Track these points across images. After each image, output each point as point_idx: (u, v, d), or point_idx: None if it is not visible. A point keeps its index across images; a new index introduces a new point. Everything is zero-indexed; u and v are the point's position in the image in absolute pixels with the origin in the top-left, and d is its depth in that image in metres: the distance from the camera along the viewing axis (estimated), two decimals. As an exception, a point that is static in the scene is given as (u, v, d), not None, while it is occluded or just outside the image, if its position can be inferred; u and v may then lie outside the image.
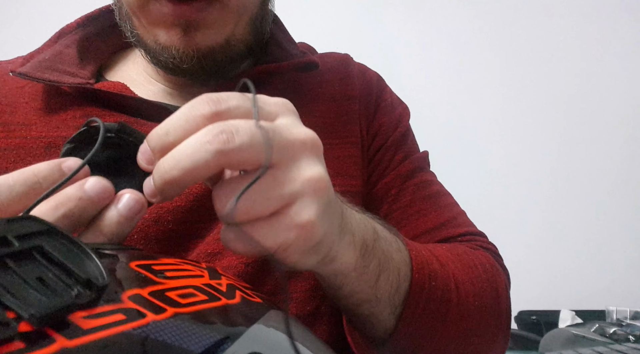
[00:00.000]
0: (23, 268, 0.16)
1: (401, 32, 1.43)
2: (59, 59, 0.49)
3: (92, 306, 0.17)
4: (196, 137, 0.24)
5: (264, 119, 0.27)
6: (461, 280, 0.43)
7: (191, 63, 0.45)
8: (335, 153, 0.51)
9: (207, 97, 0.26)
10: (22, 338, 0.14)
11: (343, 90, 0.56)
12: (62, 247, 0.18)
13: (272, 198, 0.26)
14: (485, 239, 0.54)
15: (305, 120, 0.51)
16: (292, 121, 0.29)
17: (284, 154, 0.27)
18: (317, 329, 0.45)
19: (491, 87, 1.43)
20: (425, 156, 0.58)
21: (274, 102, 0.29)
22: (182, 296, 0.20)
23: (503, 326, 0.47)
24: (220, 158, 0.24)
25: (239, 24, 0.46)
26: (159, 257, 0.24)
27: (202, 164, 0.24)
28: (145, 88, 0.51)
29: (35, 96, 0.48)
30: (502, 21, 1.44)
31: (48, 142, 0.45)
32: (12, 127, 0.46)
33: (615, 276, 1.34)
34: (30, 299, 0.15)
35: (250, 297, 0.24)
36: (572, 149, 1.41)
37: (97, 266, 0.18)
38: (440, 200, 0.54)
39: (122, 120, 0.46)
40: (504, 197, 1.37)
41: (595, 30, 1.43)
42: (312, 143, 0.28)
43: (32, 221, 0.19)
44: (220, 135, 0.24)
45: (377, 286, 0.37)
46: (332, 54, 0.61)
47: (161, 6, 0.42)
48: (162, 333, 0.17)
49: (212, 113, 0.25)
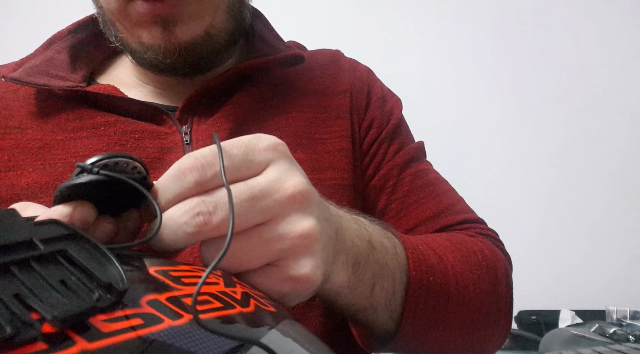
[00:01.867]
0: (47, 270, 0.17)
1: (401, 31, 1.43)
2: (50, 64, 0.50)
3: (112, 310, 0.17)
4: (176, 215, 0.25)
5: (252, 173, 0.27)
6: (460, 269, 0.43)
7: (174, 57, 0.46)
8: (327, 148, 0.51)
9: (191, 162, 0.26)
10: (45, 339, 0.14)
11: (333, 85, 0.56)
12: (85, 251, 0.19)
13: (260, 255, 0.27)
14: (484, 226, 0.54)
15: (295, 115, 0.53)
16: (282, 170, 0.28)
17: (271, 212, 0.27)
18: (311, 322, 0.45)
19: (492, 86, 1.43)
20: (421, 146, 0.58)
21: (263, 149, 0.28)
22: (198, 302, 0.20)
23: (503, 310, 0.47)
24: (199, 236, 0.26)
25: (217, 14, 0.47)
26: (176, 264, 0.24)
27: (183, 239, 0.26)
28: (135, 90, 0.52)
29: (28, 100, 0.49)
30: (502, 21, 1.44)
31: (43, 143, 0.46)
32: (8, 130, 0.47)
33: (615, 276, 1.32)
34: (53, 301, 0.16)
35: (264, 306, 0.24)
36: (573, 149, 1.40)
37: (118, 271, 0.19)
38: (438, 187, 0.55)
39: (113, 119, 0.47)
40: (504, 197, 1.36)
41: (595, 30, 1.42)
42: (301, 196, 0.28)
43: (57, 225, 0.20)
44: (197, 218, 0.25)
45: (372, 295, 0.37)
46: (322, 51, 0.62)
47: (138, 7, 0.44)
48: (178, 338, 0.17)
49: (196, 184, 0.26)
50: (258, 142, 0.28)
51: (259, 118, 0.50)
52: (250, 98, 0.51)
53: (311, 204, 0.28)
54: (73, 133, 0.46)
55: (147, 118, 0.48)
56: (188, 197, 0.26)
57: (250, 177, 0.28)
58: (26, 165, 0.45)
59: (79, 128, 0.47)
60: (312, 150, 0.50)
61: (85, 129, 0.46)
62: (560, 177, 1.39)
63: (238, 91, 0.51)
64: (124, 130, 0.46)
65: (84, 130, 0.46)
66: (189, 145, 0.47)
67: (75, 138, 0.46)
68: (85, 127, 0.46)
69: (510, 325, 0.49)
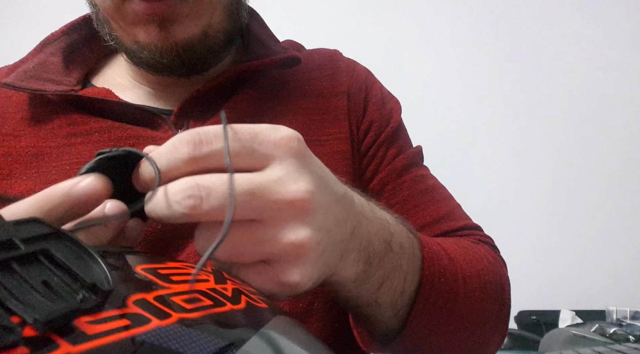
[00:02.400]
0: (28, 271, 0.16)
1: (401, 31, 1.43)
2: (43, 67, 0.50)
3: (97, 311, 0.16)
4: (170, 191, 0.25)
5: (253, 163, 0.26)
6: (468, 273, 0.43)
7: (171, 57, 0.46)
8: (325, 150, 0.51)
9: (190, 136, 0.26)
10: (26, 343, 0.14)
11: (331, 86, 0.56)
12: (68, 250, 0.18)
13: (252, 252, 0.26)
14: (481, 232, 0.54)
15: (292, 117, 0.52)
16: (289, 170, 0.27)
17: (267, 214, 0.26)
18: (310, 327, 0.45)
19: (493, 86, 1.43)
20: (419, 151, 0.58)
21: (274, 141, 0.27)
22: (188, 301, 0.20)
23: (504, 317, 0.47)
24: (190, 217, 0.25)
25: (215, 14, 0.47)
26: (164, 261, 0.24)
27: (175, 217, 0.25)
28: (130, 91, 0.51)
29: (22, 106, 0.48)
30: (502, 21, 1.44)
31: (36, 151, 0.46)
32: (1, 137, 0.47)
33: (615, 276, 1.33)
34: (35, 303, 0.15)
35: (255, 302, 0.24)
36: (573, 149, 1.41)
37: (102, 270, 0.18)
38: (437, 193, 0.55)
39: (107, 125, 0.46)
40: (504, 197, 1.37)
41: (596, 29, 1.43)
42: (301, 204, 0.26)
43: (39, 223, 0.19)
44: (188, 200, 0.24)
45: (379, 292, 0.37)
46: (320, 50, 0.61)
47: (135, 6, 0.43)
48: (166, 339, 0.17)
49: (189, 158, 0.25)
50: (272, 133, 0.27)
51: (255, 121, 0.49)
52: (246, 101, 0.50)
53: (311, 213, 0.27)
54: (67, 139, 0.46)
55: (142, 122, 0.47)
56: (182, 170, 0.26)
57: (249, 166, 0.26)
58: (20, 173, 0.44)
59: (73, 134, 0.46)
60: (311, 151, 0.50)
61: (79, 135, 0.46)
62: (560, 177, 1.40)
63: (234, 94, 0.50)
64: (119, 136, 0.45)
65: (77, 137, 0.46)
66: None
67: (68, 144, 0.46)
68: (79, 133, 0.46)
69: (507, 330, 0.50)
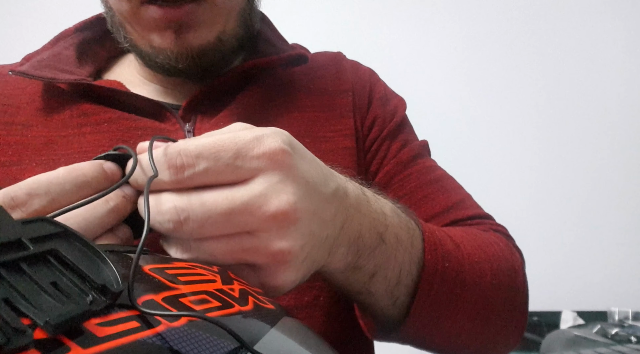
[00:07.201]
0: (37, 272, 0.16)
1: (401, 31, 1.42)
2: (57, 59, 0.50)
3: (107, 312, 0.16)
4: (154, 209, 0.26)
5: (237, 178, 0.27)
6: (477, 259, 0.42)
7: (186, 62, 0.46)
8: (330, 146, 0.51)
9: (171, 160, 0.26)
10: (37, 346, 0.14)
11: (336, 84, 0.56)
12: (77, 251, 0.18)
13: (237, 259, 0.28)
14: (493, 221, 0.54)
15: (298, 114, 0.52)
16: (270, 184, 0.27)
17: (249, 227, 0.27)
18: (315, 321, 0.45)
19: (494, 86, 1.42)
20: (425, 144, 0.58)
21: (257, 155, 0.27)
22: (196, 302, 0.20)
23: (519, 305, 0.46)
24: (173, 233, 0.27)
25: (229, 20, 0.47)
26: (171, 260, 0.24)
27: (165, 231, 0.27)
28: (140, 88, 0.52)
29: (35, 97, 0.49)
30: (503, 21, 1.43)
31: (47, 140, 0.46)
32: (14, 127, 0.47)
33: (617, 277, 1.33)
34: (45, 305, 0.15)
35: (263, 303, 0.24)
36: (574, 149, 1.41)
37: (112, 271, 0.18)
38: (446, 183, 0.54)
39: (117, 115, 0.47)
40: (505, 197, 1.36)
41: (595, 29, 1.42)
42: (283, 217, 0.27)
43: (47, 223, 0.19)
44: (168, 224, 0.26)
45: (371, 282, 0.37)
46: (324, 53, 0.62)
47: (152, 12, 0.43)
48: (176, 341, 0.17)
49: (171, 182, 0.26)
50: (255, 145, 0.27)
51: (262, 117, 0.50)
52: (254, 97, 0.51)
53: (293, 223, 0.27)
54: (77, 129, 0.46)
55: (151, 114, 0.47)
56: (168, 189, 0.27)
57: (232, 181, 0.27)
58: (30, 160, 0.45)
59: (83, 124, 0.47)
60: (316, 148, 0.50)
61: (88, 125, 0.46)
62: (561, 177, 1.39)
63: (242, 90, 0.51)
64: (128, 126, 0.46)
65: (87, 126, 0.46)
66: None
67: (78, 134, 0.46)
68: (89, 123, 0.46)
69: (525, 322, 0.48)
